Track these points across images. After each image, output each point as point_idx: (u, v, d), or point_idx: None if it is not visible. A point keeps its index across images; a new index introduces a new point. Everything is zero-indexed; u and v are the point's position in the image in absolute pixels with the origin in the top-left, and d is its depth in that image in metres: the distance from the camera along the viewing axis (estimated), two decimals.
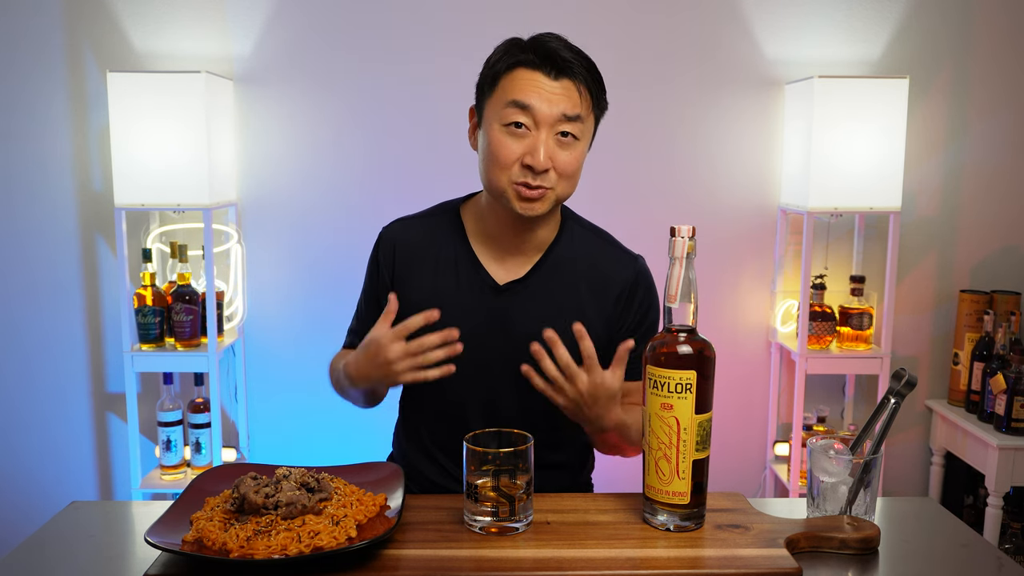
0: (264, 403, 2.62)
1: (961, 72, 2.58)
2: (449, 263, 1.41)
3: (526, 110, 1.29)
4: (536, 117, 1.29)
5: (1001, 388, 2.37)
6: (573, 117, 1.31)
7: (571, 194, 1.37)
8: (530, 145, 1.29)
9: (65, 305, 2.56)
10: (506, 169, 1.31)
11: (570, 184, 1.35)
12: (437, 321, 1.36)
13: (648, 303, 1.45)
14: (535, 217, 1.34)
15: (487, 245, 1.42)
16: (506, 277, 1.40)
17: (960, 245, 2.65)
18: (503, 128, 1.31)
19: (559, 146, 1.31)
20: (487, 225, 1.41)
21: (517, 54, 1.32)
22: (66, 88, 2.47)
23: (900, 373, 1.13)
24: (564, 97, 1.30)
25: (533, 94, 1.29)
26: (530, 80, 1.30)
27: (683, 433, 1.06)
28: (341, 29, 2.49)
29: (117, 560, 1.08)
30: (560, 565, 0.99)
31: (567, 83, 1.31)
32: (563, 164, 1.31)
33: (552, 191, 1.32)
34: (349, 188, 2.54)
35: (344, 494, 1.10)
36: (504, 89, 1.31)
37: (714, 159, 2.58)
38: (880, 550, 1.08)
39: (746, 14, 2.53)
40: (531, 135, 1.30)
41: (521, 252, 1.41)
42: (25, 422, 2.60)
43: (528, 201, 1.31)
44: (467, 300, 1.39)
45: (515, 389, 1.38)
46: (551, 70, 1.30)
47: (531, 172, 1.30)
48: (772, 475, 2.67)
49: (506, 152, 1.30)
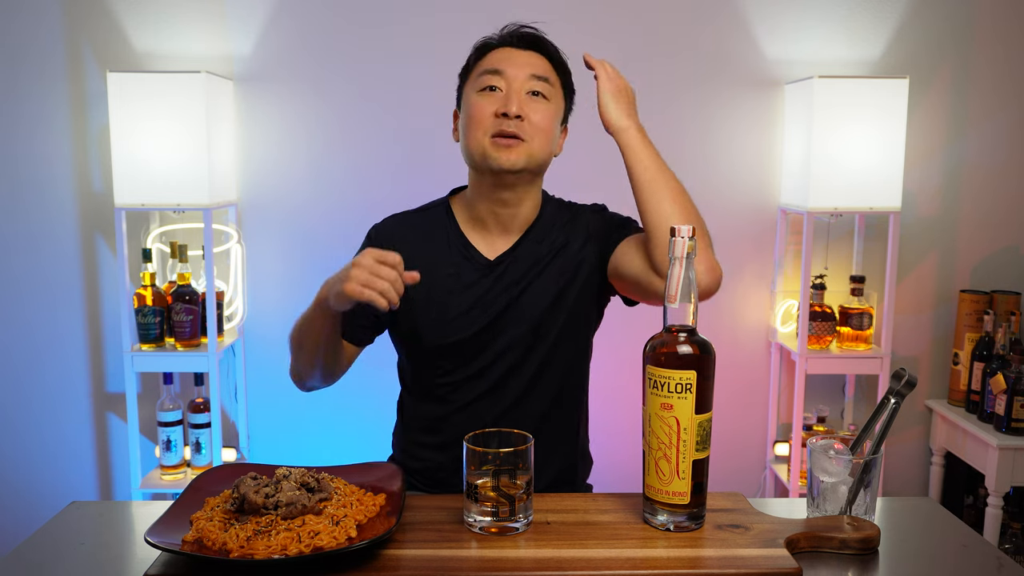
0: (264, 403, 2.62)
1: (961, 72, 2.58)
2: (442, 247, 1.46)
3: (498, 74, 1.39)
4: (507, 77, 1.39)
5: (1001, 388, 2.37)
6: (542, 77, 1.40)
7: (545, 159, 1.42)
8: (503, 98, 1.38)
9: (65, 305, 2.56)
10: (482, 124, 1.38)
11: (543, 142, 1.40)
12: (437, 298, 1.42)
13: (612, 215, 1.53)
14: (514, 173, 1.38)
15: (476, 229, 1.47)
16: (496, 254, 1.46)
17: (960, 245, 2.65)
18: (478, 93, 1.40)
19: (531, 102, 1.39)
20: (474, 209, 1.47)
21: (487, 42, 1.46)
22: (66, 88, 2.47)
23: (900, 373, 1.13)
24: (531, 62, 1.41)
25: (504, 61, 1.41)
26: (501, 52, 1.43)
27: (683, 433, 1.06)
28: (341, 29, 2.49)
29: (117, 560, 1.09)
30: (560, 565, 0.99)
31: (534, 53, 1.43)
32: (535, 119, 1.38)
33: (526, 144, 1.37)
34: (349, 188, 2.54)
35: (344, 494, 1.10)
36: (478, 68, 1.43)
37: (714, 159, 2.58)
38: (880, 550, 1.08)
39: (746, 14, 2.53)
40: (504, 93, 1.39)
41: (507, 232, 1.46)
42: (25, 422, 2.60)
43: (504, 148, 1.37)
44: (463, 278, 1.44)
45: (520, 356, 1.43)
46: (519, 43, 1.43)
47: (505, 119, 1.36)
48: (772, 475, 2.67)
49: (481, 110, 1.39)
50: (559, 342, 1.45)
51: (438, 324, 1.43)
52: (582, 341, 1.51)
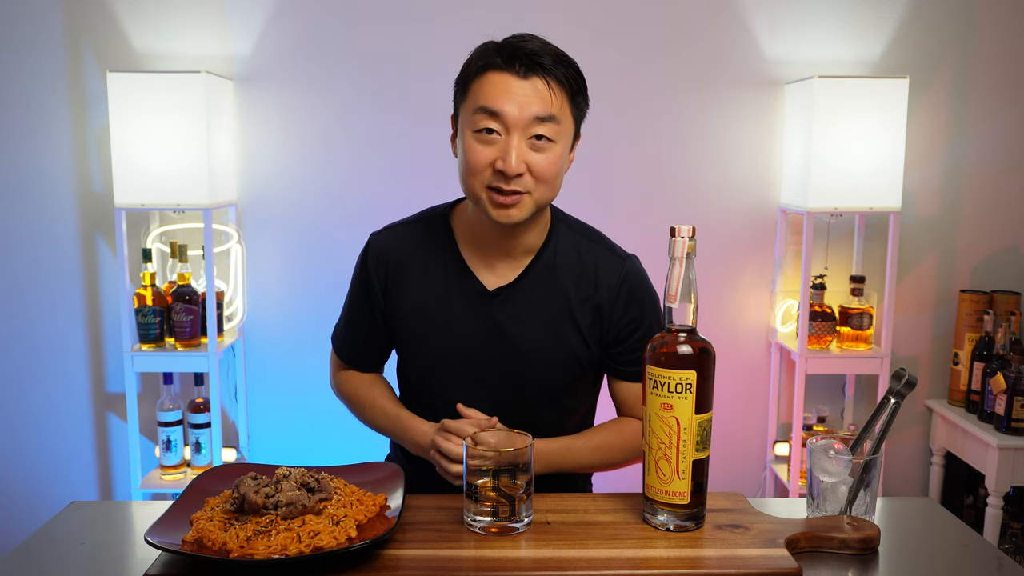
0: (264, 403, 2.62)
1: (961, 72, 2.58)
2: (439, 270, 1.39)
3: (496, 116, 1.25)
4: (506, 122, 1.25)
5: (1001, 388, 2.37)
6: (546, 118, 1.25)
7: (552, 198, 1.33)
8: (501, 149, 1.25)
9: (65, 305, 2.56)
10: (479, 174, 1.27)
11: (549, 188, 1.30)
12: (432, 328, 1.39)
13: (641, 303, 1.40)
14: (515, 223, 1.30)
15: (476, 251, 1.39)
16: (496, 282, 1.38)
17: (960, 245, 2.65)
18: (474, 135, 1.27)
19: (533, 150, 1.26)
20: (475, 231, 1.38)
21: (486, 57, 1.28)
22: (66, 88, 2.47)
23: (900, 373, 1.13)
24: (534, 98, 1.25)
25: (501, 98, 1.24)
26: (499, 83, 1.25)
27: (683, 433, 1.06)
28: (341, 29, 2.49)
29: (117, 560, 1.08)
30: (560, 565, 0.99)
31: (537, 81, 1.25)
32: (538, 168, 1.26)
33: (529, 196, 1.28)
34: (349, 188, 2.54)
35: (344, 494, 1.10)
36: (474, 95, 1.27)
37: (714, 159, 2.58)
38: (880, 550, 1.08)
39: (746, 14, 2.53)
40: (502, 139, 1.26)
41: (510, 257, 1.38)
42: (25, 422, 2.60)
43: (503, 208, 1.27)
44: (458, 307, 1.38)
45: (511, 393, 1.39)
46: (520, 69, 1.25)
47: (503, 177, 1.25)
48: (772, 475, 2.67)
49: (477, 158, 1.26)
50: (555, 382, 1.40)
51: (428, 353, 1.40)
52: (585, 381, 1.44)
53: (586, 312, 1.38)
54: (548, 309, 1.37)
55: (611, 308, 1.38)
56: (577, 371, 1.41)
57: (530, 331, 1.37)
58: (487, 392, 1.39)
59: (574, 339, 1.38)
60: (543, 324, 1.37)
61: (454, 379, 1.39)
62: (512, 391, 1.38)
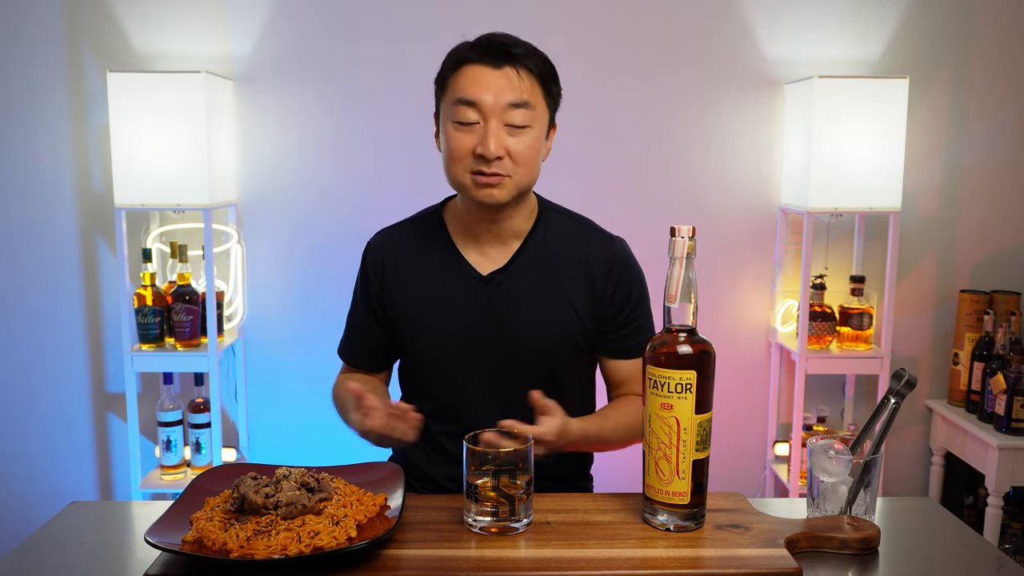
0: (264, 403, 2.62)
1: (961, 72, 2.58)
2: (434, 261, 1.45)
3: (473, 106, 1.33)
4: (483, 110, 1.32)
5: (1001, 388, 2.37)
6: (520, 104, 1.33)
7: (532, 182, 1.39)
8: (481, 136, 1.33)
9: (65, 305, 2.56)
10: (461, 161, 1.34)
11: (528, 171, 1.37)
12: (428, 318, 1.43)
13: (630, 279, 1.46)
14: (500, 205, 1.37)
15: (468, 240, 1.45)
16: (489, 267, 1.44)
17: (960, 245, 2.65)
18: (455, 125, 1.35)
19: (511, 135, 1.34)
20: (465, 220, 1.45)
21: (461, 53, 1.37)
22: (66, 88, 2.47)
23: (900, 373, 1.13)
24: (507, 86, 1.33)
25: (477, 88, 1.33)
26: (474, 75, 1.34)
27: (683, 433, 1.06)
28: (341, 29, 2.49)
29: (117, 560, 1.09)
30: (560, 565, 0.99)
31: (509, 70, 1.34)
32: (516, 152, 1.34)
33: (510, 179, 1.34)
34: (349, 188, 2.54)
35: (344, 494, 1.10)
36: (452, 88, 1.36)
37: (714, 159, 2.58)
38: (880, 550, 1.08)
39: (746, 14, 2.53)
40: (481, 127, 1.33)
41: (500, 241, 1.44)
42: (25, 422, 2.60)
43: (487, 187, 1.34)
44: (454, 294, 1.43)
45: (510, 375, 1.42)
46: (493, 60, 1.34)
47: (484, 161, 1.32)
48: (772, 475, 2.67)
49: (458, 145, 1.34)
50: (554, 362, 1.44)
51: (429, 341, 1.44)
52: (582, 362, 1.49)
53: (579, 289, 1.43)
54: (542, 290, 1.43)
55: (604, 282, 1.44)
56: (574, 350, 1.45)
57: (526, 312, 1.42)
58: (487, 375, 1.43)
59: (569, 317, 1.43)
60: (538, 305, 1.42)
61: (456, 364, 1.43)
62: (511, 372, 1.42)
